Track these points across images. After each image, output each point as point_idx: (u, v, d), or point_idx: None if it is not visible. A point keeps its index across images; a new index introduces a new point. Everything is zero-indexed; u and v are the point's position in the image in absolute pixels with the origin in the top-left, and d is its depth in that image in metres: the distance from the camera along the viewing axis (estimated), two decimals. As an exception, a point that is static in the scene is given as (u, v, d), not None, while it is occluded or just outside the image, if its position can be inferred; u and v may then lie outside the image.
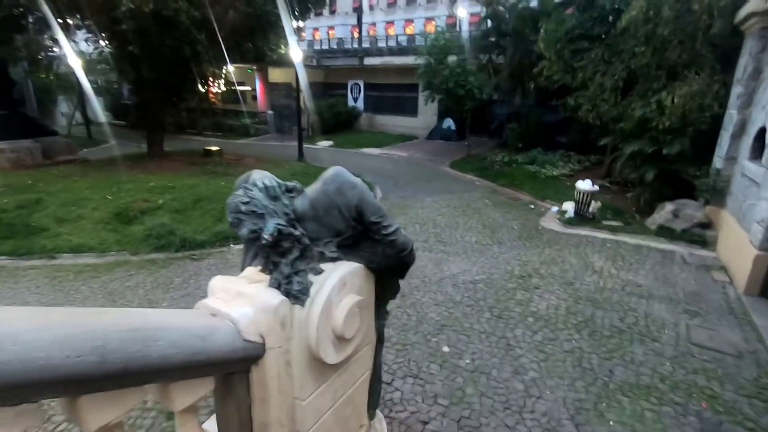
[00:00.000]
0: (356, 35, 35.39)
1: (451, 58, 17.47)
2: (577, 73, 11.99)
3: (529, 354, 4.81)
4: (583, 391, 4.22)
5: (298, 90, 18.13)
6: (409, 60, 22.83)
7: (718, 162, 8.69)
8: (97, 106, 25.58)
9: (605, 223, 9.64)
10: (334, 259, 2.35)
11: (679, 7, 9.08)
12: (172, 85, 15.88)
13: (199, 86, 28.16)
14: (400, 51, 25.48)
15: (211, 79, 29.84)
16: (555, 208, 10.87)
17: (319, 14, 53.92)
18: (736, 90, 8.24)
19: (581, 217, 9.79)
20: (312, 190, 2.35)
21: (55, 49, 20.81)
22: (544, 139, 17.26)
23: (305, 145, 23.13)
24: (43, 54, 22.75)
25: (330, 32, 46.02)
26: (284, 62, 21.50)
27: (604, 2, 11.24)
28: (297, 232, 2.16)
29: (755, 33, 7.69)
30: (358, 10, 36.92)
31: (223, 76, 29.27)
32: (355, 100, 28.93)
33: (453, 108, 19.25)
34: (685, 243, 8.38)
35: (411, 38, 26.78)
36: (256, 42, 16.94)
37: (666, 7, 9.19)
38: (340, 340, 2.30)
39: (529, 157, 16.04)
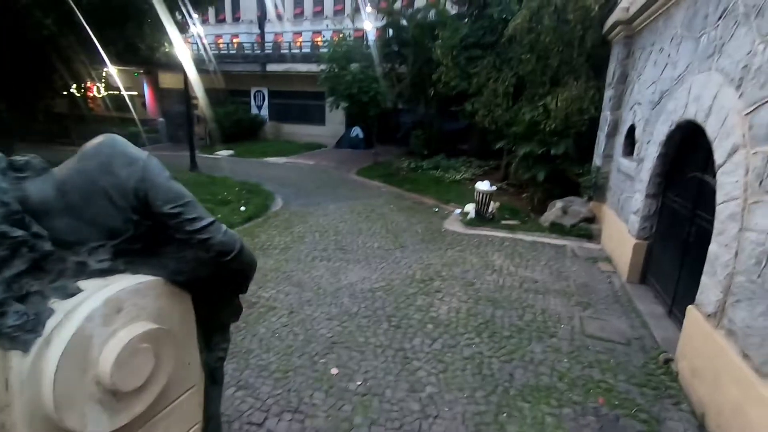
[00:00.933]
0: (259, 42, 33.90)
1: (354, 66, 17.21)
2: (472, 79, 12.34)
3: (427, 365, 4.34)
4: (483, 402, 3.83)
5: (187, 94, 16.46)
6: (313, 67, 22.18)
7: (597, 160, 9.32)
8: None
9: (504, 222, 9.83)
10: (105, 273, 1.58)
11: (556, 17, 9.68)
12: (19, 81, 13.33)
13: (73, 87, 24.68)
14: (304, 58, 24.75)
15: (88, 81, 26.38)
16: (458, 211, 10.91)
17: (221, 21, 51.39)
18: (608, 93, 8.92)
19: (482, 218, 9.88)
20: (63, 167, 1.57)
21: None
22: (447, 146, 17.69)
23: (203, 155, 21.29)
24: None
25: (234, 40, 43.69)
26: (175, 66, 19.50)
27: (493, 12, 11.75)
28: (19, 233, 1.36)
29: (620, 41, 8.37)
30: (260, 18, 35.43)
31: (103, 78, 26.08)
32: (259, 108, 27.48)
33: (359, 116, 19.02)
34: (574, 237, 8.78)
35: (316, 46, 26.17)
36: (128, 35, 14.89)
37: (546, 17, 9.75)
38: (117, 395, 1.52)
39: (434, 163, 16.27)
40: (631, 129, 7.50)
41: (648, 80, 6.78)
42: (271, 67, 25.68)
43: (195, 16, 36.53)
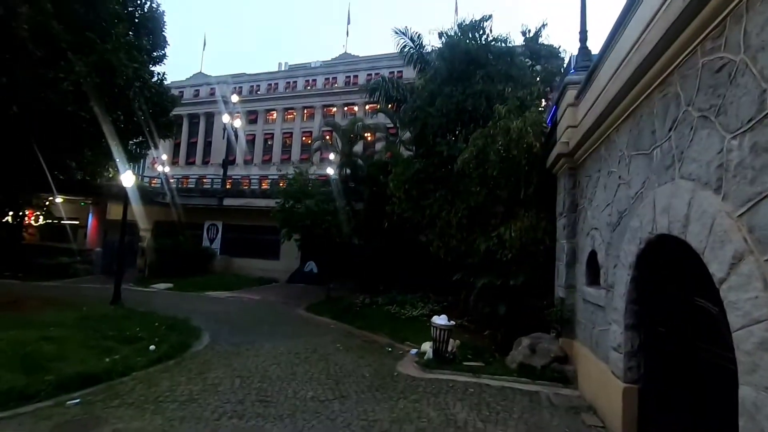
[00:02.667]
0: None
1: (309, 201, 17.26)
2: (425, 211, 12.26)
3: None
4: None
5: (123, 224, 15.12)
6: (271, 203, 22.25)
7: (560, 291, 8.62)
8: None
9: (466, 363, 8.43)
10: None
11: (501, 152, 10.08)
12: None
13: (8, 215, 23.03)
14: (263, 194, 25.06)
15: (27, 209, 24.93)
16: (414, 350, 9.48)
17: (191, 163, 53.74)
18: (560, 222, 8.73)
19: (441, 358, 8.48)
20: None
21: None
22: (402, 280, 16.89)
23: (137, 288, 19.23)
24: None
25: (203, 180, 45.14)
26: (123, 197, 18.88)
27: (443, 149, 12.35)
28: None
29: (565, 173, 8.54)
30: (225, 161, 37.08)
31: (45, 206, 24.82)
32: (211, 241, 26.53)
33: (314, 250, 18.44)
34: (547, 382, 7.45)
35: (275, 183, 26.91)
36: (76, 163, 14.35)
37: (492, 153, 10.13)
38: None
39: (389, 298, 15.17)
40: (592, 255, 7.01)
41: (601, 204, 6.55)
42: (229, 202, 25.66)
43: (164, 157, 37.84)
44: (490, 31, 12.48)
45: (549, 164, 9.27)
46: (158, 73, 14.15)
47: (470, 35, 12.22)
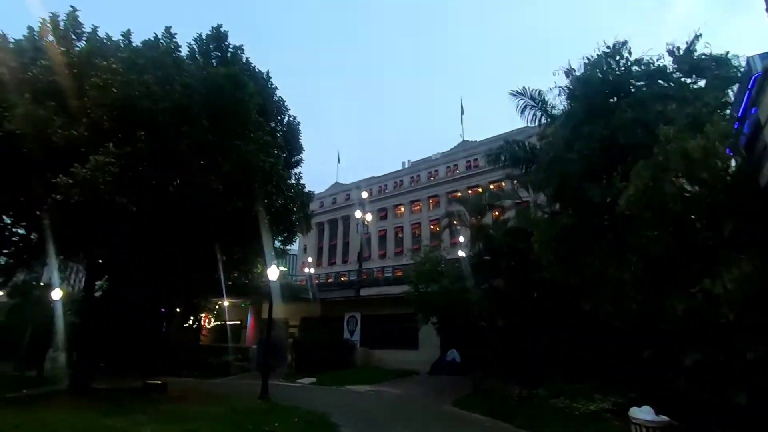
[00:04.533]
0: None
1: (444, 280, 16.09)
2: (582, 271, 9.98)
3: None
4: None
5: (269, 323, 15.73)
6: (405, 289, 21.69)
7: None
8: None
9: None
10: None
11: (681, 181, 7.82)
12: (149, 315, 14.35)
13: (191, 320, 26.71)
14: (396, 281, 24.75)
15: (203, 313, 28.77)
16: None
17: (332, 263, 58.23)
18: (814, 258, 5.91)
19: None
20: None
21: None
22: (561, 362, 13.76)
23: (284, 383, 19.56)
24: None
25: (342, 278, 47.89)
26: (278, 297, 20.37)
27: (594, 195, 10.31)
28: None
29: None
30: (360, 255, 38.84)
31: (215, 310, 28.32)
32: (351, 333, 26.55)
33: (454, 335, 16.74)
34: None
35: (408, 268, 26.59)
36: (239, 271, 16.04)
37: (666, 184, 7.91)
38: None
39: (554, 389, 12.24)
40: None
41: None
42: (365, 292, 25.90)
43: (310, 260, 41.00)
44: (629, 53, 10.89)
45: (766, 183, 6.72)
46: (295, 173, 15.76)
47: (605, 64, 10.77)
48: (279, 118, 15.42)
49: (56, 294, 21.06)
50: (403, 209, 52.89)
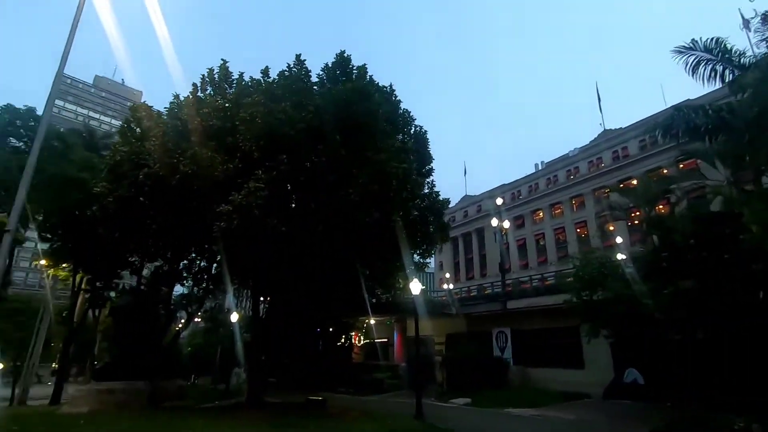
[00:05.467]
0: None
1: (617, 284, 13.49)
2: None
3: None
4: None
5: (417, 340, 15.16)
6: (559, 299, 19.18)
7: None
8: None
9: None
10: None
11: None
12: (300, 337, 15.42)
13: (342, 338, 28.06)
14: (548, 290, 22.14)
15: (354, 332, 30.05)
16: None
17: (471, 278, 56.45)
18: None
19: None
20: None
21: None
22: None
23: (437, 403, 18.74)
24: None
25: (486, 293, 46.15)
26: (422, 313, 19.99)
27: None
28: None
29: None
30: (501, 266, 36.46)
31: (364, 328, 29.30)
32: (502, 350, 24.52)
33: (632, 351, 13.84)
34: None
35: (560, 275, 23.61)
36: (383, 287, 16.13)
37: None
38: None
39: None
40: None
41: None
42: (513, 305, 23.78)
43: (447, 275, 40.29)
44: None
45: None
46: (428, 182, 15.28)
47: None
48: (406, 129, 15.27)
49: (234, 317, 24.17)
50: (542, 214, 48.71)
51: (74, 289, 25.06)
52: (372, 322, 29.21)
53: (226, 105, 11.95)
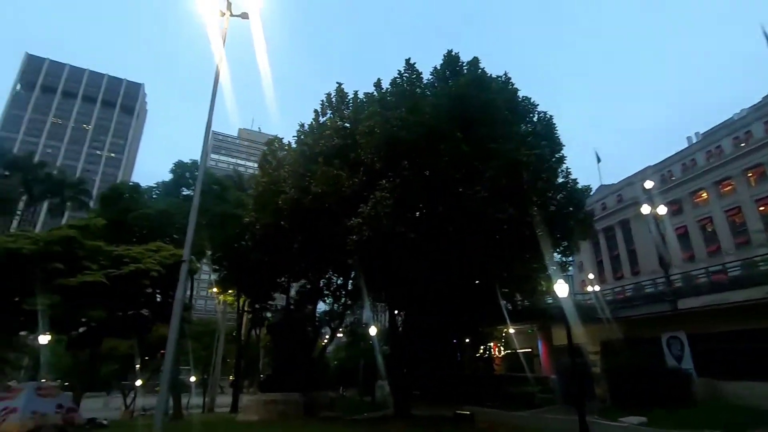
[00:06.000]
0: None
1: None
2: None
3: None
4: None
5: (570, 348, 13.46)
6: (754, 293, 15.39)
7: None
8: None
9: None
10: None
11: None
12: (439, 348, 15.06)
13: (481, 349, 26.88)
14: (736, 283, 17.91)
15: (493, 342, 28.54)
16: None
17: (619, 278, 49.76)
18: None
19: None
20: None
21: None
22: None
23: (601, 422, 16.35)
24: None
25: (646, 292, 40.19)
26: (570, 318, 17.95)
27: None
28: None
29: None
30: (661, 259, 31.31)
31: (503, 338, 27.61)
32: (678, 359, 20.53)
33: None
34: None
35: (752, 264, 18.89)
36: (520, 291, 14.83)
37: None
38: None
39: None
40: None
41: None
42: (686, 303, 19.80)
43: (590, 276, 36.24)
44: None
45: None
46: (562, 170, 13.65)
47: None
48: (528, 117, 14.03)
49: (372, 331, 24.96)
50: (705, 195, 40.55)
51: (239, 311, 28.87)
52: (511, 330, 27.34)
53: (345, 125, 12.50)
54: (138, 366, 28.31)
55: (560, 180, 13.36)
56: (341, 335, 36.37)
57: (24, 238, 14.05)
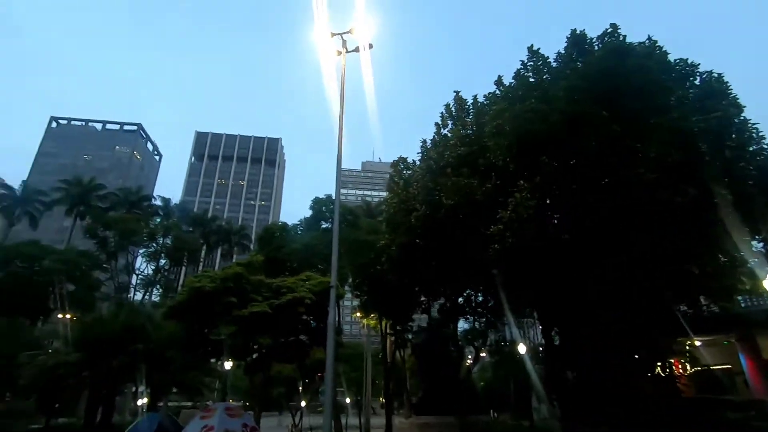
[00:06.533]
0: None
1: None
2: None
3: None
4: None
5: None
6: None
7: None
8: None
9: None
10: None
11: None
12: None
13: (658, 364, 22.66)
14: None
15: (673, 358, 23.82)
16: None
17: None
18: None
19: None
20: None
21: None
22: None
23: None
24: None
25: None
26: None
27: None
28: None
29: None
30: None
31: (686, 352, 22.83)
32: None
33: None
34: None
35: None
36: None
37: None
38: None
39: None
40: None
41: None
42: None
43: None
44: None
45: None
46: (751, 135, 10.74)
47: None
48: (689, 80, 11.55)
49: (521, 348, 23.07)
50: None
51: (382, 334, 29.70)
52: (697, 343, 22.42)
53: (469, 132, 12.02)
54: (300, 388, 30.93)
55: (752, 148, 10.49)
56: (484, 354, 34.69)
57: (205, 278, 16.66)
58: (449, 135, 12.91)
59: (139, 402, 26.33)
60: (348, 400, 42.65)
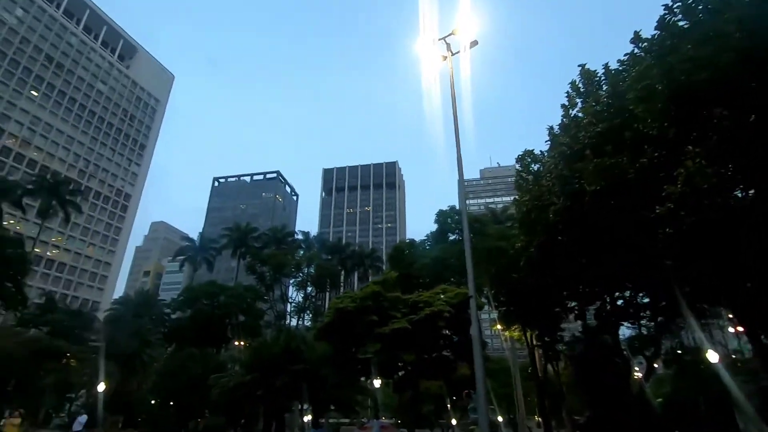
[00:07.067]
0: None
1: None
2: None
3: None
4: None
5: None
6: None
7: None
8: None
9: None
10: None
11: None
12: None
13: None
14: None
15: None
16: None
17: None
18: None
19: None
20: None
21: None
22: None
23: None
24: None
25: None
26: None
27: None
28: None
29: None
30: None
31: None
32: None
33: None
34: None
35: None
36: None
37: None
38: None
39: None
40: None
41: None
42: None
43: None
44: None
45: None
46: None
47: None
48: None
49: (712, 356, 18.85)
50: None
51: (529, 346, 27.46)
52: None
53: (604, 106, 10.41)
54: (449, 405, 30.17)
55: None
56: (657, 366, 29.39)
57: (346, 298, 17.53)
58: (580, 115, 11.37)
59: (305, 419, 28.69)
60: (500, 419, 40.33)
